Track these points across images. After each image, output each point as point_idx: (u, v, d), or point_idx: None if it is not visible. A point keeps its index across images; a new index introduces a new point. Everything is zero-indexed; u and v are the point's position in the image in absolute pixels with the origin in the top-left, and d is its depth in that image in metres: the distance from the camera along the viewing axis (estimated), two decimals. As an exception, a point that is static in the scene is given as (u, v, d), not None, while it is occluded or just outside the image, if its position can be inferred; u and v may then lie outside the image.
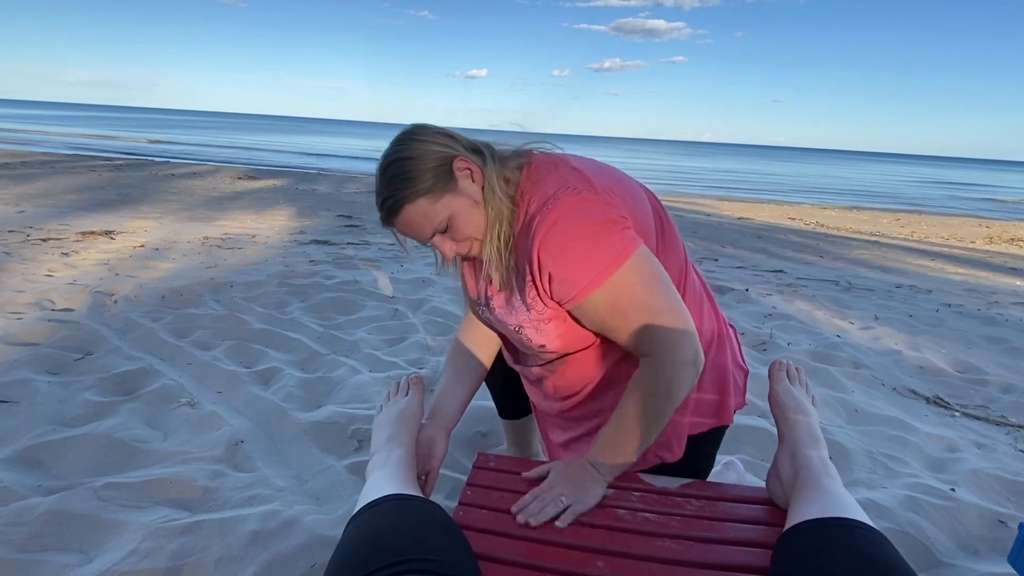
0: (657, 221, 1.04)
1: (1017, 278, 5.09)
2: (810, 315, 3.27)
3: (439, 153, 0.95)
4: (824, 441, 1.00)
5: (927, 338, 2.96)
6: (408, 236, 1.00)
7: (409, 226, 0.96)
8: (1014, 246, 7.78)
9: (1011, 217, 14.00)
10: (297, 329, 2.49)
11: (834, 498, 0.83)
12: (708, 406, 1.08)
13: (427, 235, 0.97)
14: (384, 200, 0.95)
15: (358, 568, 0.65)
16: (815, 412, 1.06)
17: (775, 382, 1.11)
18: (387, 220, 0.97)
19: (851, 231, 8.16)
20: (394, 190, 0.94)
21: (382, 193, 0.96)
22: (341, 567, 0.68)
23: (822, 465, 0.91)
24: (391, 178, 0.94)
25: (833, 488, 0.86)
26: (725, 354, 1.10)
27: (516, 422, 1.53)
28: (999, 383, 2.40)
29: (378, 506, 0.79)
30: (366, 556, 0.67)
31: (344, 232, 5.20)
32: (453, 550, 0.71)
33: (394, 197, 0.94)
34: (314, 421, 1.71)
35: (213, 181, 9.26)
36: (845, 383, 2.29)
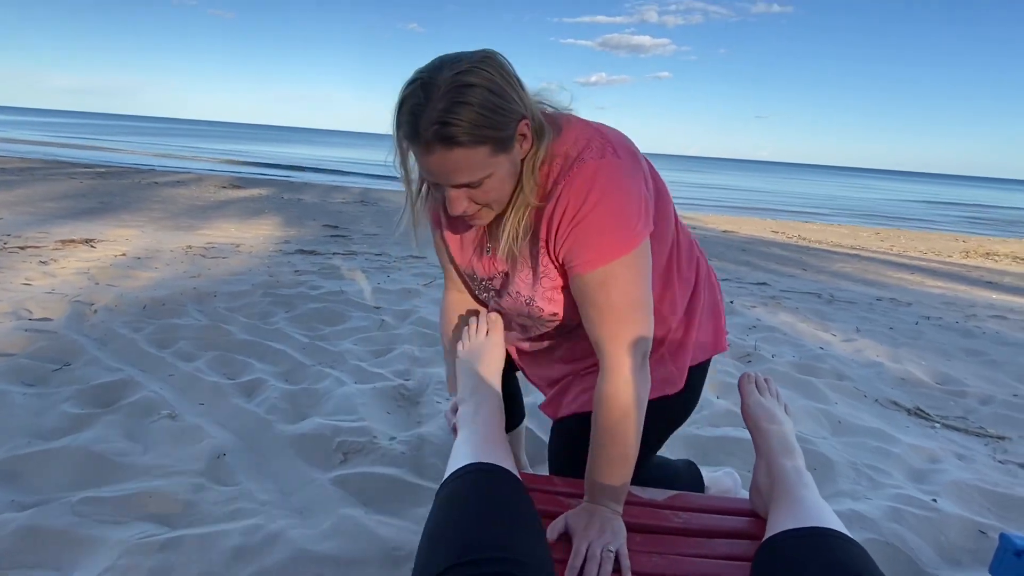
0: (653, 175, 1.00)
1: (993, 291, 5.20)
2: (794, 327, 3.30)
3: (518, 107, 0.83)
4: (799, 450, 1.01)
5: (908, 350, 3.00)
6: (430, 169, 0.83)
7: (446, 164, 0.81)
8: (989, 260, 7.95)
9: (986, 232, 14.33)
10: (282, 340, 2.47)
11: (809, 507, 0.83)
12: (706, 339, 1.12)
13: (455, 182, 0.83)
14: (442, 122, 0.78)
15: (444, 557, 0.69)
16: (789, 421, 1.08)
17: (745, 395, 1.12)
18: (428, 140, 0.79)
19: (833, 245, 8.28)
20: (460, 120, 0.78)
21: (446, 112, 0.77)
22: (430, 553, 0.72)
23: (797, 475, 0.92)
24: (465, 103, 0.78)
25: (808, 497, 0.86)
26: (715, 291, 1.17)
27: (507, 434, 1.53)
28: (978, 394, 2.44)
29: (465, 477, 0.82)
30: (453, 545, 0.70)
31: (330, 242, 5.17)
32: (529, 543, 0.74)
33: (457, 127, 0.78)
34: (298, 434, 1.69)
35: (197, 190, 9.18)
36: (829, 395, 2.31)
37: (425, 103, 0.78)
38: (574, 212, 0.86)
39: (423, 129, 0.79)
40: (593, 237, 0.86)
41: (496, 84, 0.80)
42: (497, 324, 1.10)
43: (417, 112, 0.79)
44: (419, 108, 0.79)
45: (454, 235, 1.06)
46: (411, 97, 0.80)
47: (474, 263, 1.03)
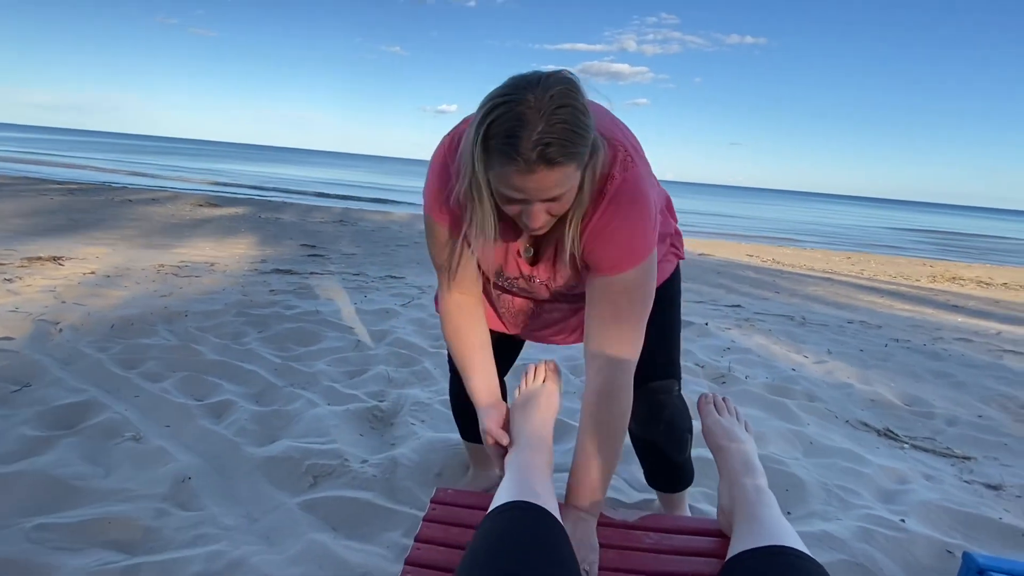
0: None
1: (959, 315, 5.34)
2: (767, 349, 3.35)
3: (592, 123, 0.88)
4: (760, 468, 1.02)
5: (877, 372, 3.06)
6: (524, 187, 0.86)
7: (544, 182, 0.85)
8: (955, 284, 8.19)
9: (952, 257, 14.79)
10: (253, 360, 2.42)
11: (769, 526, 0.84)
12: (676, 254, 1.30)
13: (544, 198, 0.88)
14: (546, 143, 0.82)
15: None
16: (750, 440, 1.09)
17: (704, 415, 1.14)
18: (531, 160, 0.83)
19: (805, 268, 8.46)
20: (562, 140, 0.82)
21: (547, 132, 0.81)
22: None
23: (757, 493, 0.93)
24: (562, 124, 0.82)
25: (768, 515, 0.87)
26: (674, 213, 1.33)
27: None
28: (945, 415, 2.49)
29: (507, 514, 0.84)
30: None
31: (307, 261, 5.12)
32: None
33: (559, 147, 0.83)
34: (267, 456, 1.65)
35: (172, 208, 9.05)
36: (801, 416, 2.34)
37: (524, 125, 0.82)
38: (604, 225, 0.95)
39: (526, 151, 0.82)
40: (615, 248, 0.97)
41: (581, 103, 0.86)
42: (554, 374, 1.16)
43: (517, 134, 0.82)
44: (519, 130, 0.82)
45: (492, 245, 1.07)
46: (506, 120, 0.83)
47: (504, 264, 1.09)
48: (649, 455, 1.38)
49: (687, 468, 1.41)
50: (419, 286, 4.31)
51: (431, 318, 3.33)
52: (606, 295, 0.99)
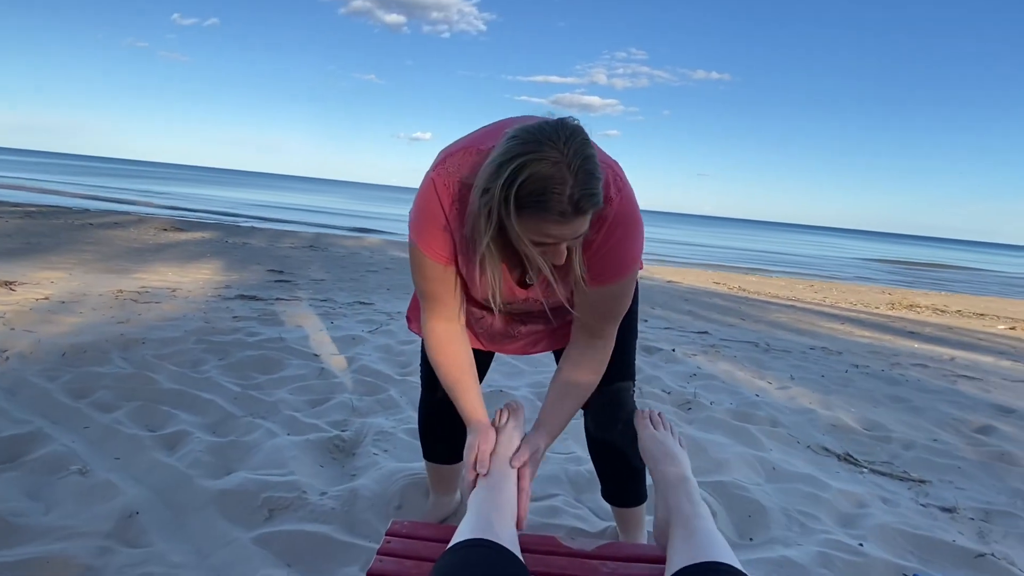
0: None
1: (915, 341, 5.52)
2: (732, 375, 3.40)
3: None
4: (694, 481, 1.03)
5: (838, 397, 3.13)
6: (556, 234, 0.91)
7: (575, 229, 0.92)
8: (912, 311, 8.47)
9: (909, 285, 15.34)
10: (211, 389, 2.35)
11: (702, 540, 0.85)
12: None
13: (573, 238, 0.94)
14: (582, 195, 0.88)
15: None
16: (683, 454, 1.11)
17: (641, 429, 1.16)
18: (566, 212, 0.88)
19: (770, 296, 8.66)
20: (595, 192, 0.90)
21: (576, 186, 0.87)
22: None
23: (691, 506, 0.95)
24: (587, 175, 0.88)
25: (702, 528, 0.89)
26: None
27: (453, 467, 1.53)
28: (902, 440, 2.55)
29: (463, 551, 0.84)
30: None
31: (274, 287, 5.04)
32: None
33: (594, 198, 0.90)
34: (221, 489, 1.60)
35: (135, 232, 8.84)
36: (764, 441, 2.37)
37: (557, 183, 0.86)
38: (610, 247, 1.04)
39: (561, 206, 0.87)
40: (618, 261, 1.06)
41: (592, 150, 0.90)
42: (516, 413, 1.20)
43: (552, 191, 0.86)
44: (553, 188, 0.86)
45: (468, 273, 1.10)
46: (537, 180, 0.86)
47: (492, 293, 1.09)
48: (607, 460, 1.40)
49: (642, 478, 1.42)
50: (388, 312, 4.27)
51: (399, 345, 3.29)
52: (601, 299, 1.09)
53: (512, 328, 1.27)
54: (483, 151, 0.98)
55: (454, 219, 1.03)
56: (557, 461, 1.97)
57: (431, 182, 1.04)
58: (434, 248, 1.07)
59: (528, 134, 0.88)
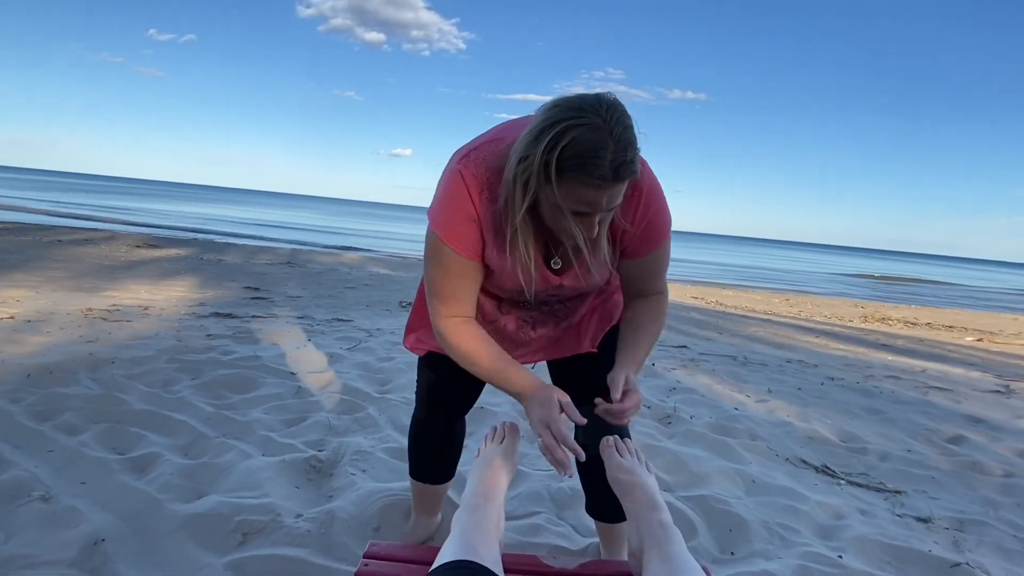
0: None
1: (888, 353, 5.63)
2: (711, 389, 3.42)
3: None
4: (664, 505, 1.03)
5: (815, 410, 3.16)
6: (594, 201, 0.92)
7: (613, 195, 0.93)
8: (884, 324, 8.66)
9: (882, 298, 15.69)
10: (183, 410, 2.29)
11: (678, 563, 0.85)
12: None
13: (608, 208, 0.95)
14: (623, 161, 0.89)
15: None
16: (652, 478, 1.11)
17: (607, 459, 1.16)
18: (606, 176, 0.90)
19: (747, 310, 8.78)
20: (634, 158, 0.91)
21: (618, 152, 0.89)
22: None
23: (663, 530, 0.94)
24: (627, 142, 0.90)
25: (676, 553, 0.89)
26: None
27: (439, 487, 1.52)
28: (877, 451, 2.58)
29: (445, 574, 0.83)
30: None
31: (249, 304, 4.96)
32: None
33: (633, 164, 0.91)
34: (193, 513, 1.55)
35: (107, 248, 8.65)
36: (743, 455, 2.38)
37: (600, 147, 0.87)
38: (645, 214, 1.08)
39: (604, 170, 0.88)
40: (659, 227, 1.11)
41: (631, 120, 0.92)
42: (514, 434, 1.19)
43: (597, 154, 0.87)
44: (597, 151, 0.87)
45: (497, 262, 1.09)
46: (581, 142, 0.88)
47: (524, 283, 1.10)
48: (595, 474, 1.39)
49: None
50: (367, 329, 4.23)
51: (378, 362, 3.25)
52: (647, 263, 1.15)
53: (523, 332, 1.26)
54: (509, 141, 0.99)
55: (483, 208, 1.02)
56: (538, 478, 1.96)
57: (457, 173, 1.03)
58: (461, 241, 1.04)
59: (569, 102, 0.90)
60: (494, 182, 1.01)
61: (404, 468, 1.94)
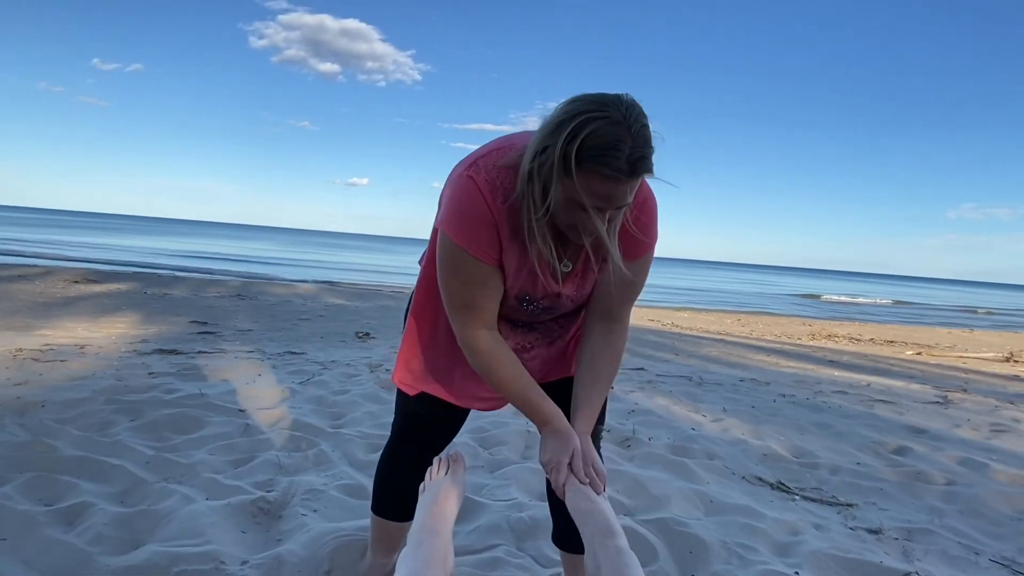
0: None
1: (835, 369, 5.84)
2: (668, 410, 3.46)
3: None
4: (620, 531, 1.02)
5: (768, 427, 3.23)
6: (609, 194, 0.94)
7: (626, 190, 0.94)
8: (831, 341, 9.00)
9: (828, 316, 16.34)
10: (120, 454, 2.16)
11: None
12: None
13: (619, 204, 0.96)
14: (641, 156, 0.92)
15: None
16: (606, 502, 1.11)
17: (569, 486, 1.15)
18: (623, 170, 0.91)
19: (702, 331, 8.99)
20: (647, 156, 0.93)
21: (639, 148, 0.91)
22: None
23: (619, 555, 0.94)
24: (644, 139, 0.92)
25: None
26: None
27: (403, 524, 1.45)
28: (828, 465, 2.65)
29: None
30: None
31: (196, 339, 4.76)
32: None
33: (650, 160, 0.94)
34: (127, 566, 1.44)
35: (42, 285, 8.19)
36: (701, 475, 2.40)
37: (619, 140, 0.90)
38: (640, 214, 1.09)
39: (621, 163, 0.90)
40: (650, 231, 1.13)
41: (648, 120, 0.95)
42: (458, 464, 1.16)
43: (615, 147, 0.89)
44: (616, 143, 0.89)
45: (513, 263, 1.09)
46: (600, 135, 0.89)
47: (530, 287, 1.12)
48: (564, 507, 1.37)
49: None
50: (321, 362, 4.11)
51: (332, 396, 3.16)
52: (631, 270, 1.12)
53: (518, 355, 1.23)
54: (517, 146, 1.02)
55: (497, 209, 1.02)
56: (498, 509, 1.92)
57: (467, 179, 1.03)
58: (481, 247, 1.04)
59: (589, 97, 0.93)
60: (507, 182, 1.02)
61: (358, 506, 1.87)
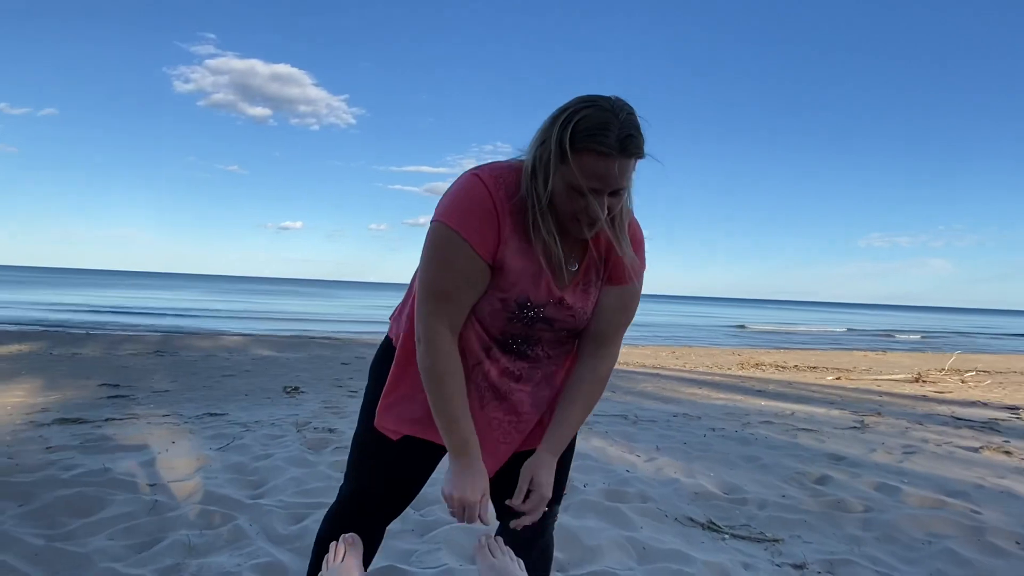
0: None
1: (762, 399, 6.08)
2: (604, 452, 3.47)
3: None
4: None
5: (699, 463, 3.30)
6: (603, 173, 1.00)
7: (620, 169, 1.00)
8: (759, 370, 9.39)
9: (755, 345, 17.11)
10: (5, 547, 1.93)
11: None
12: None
13: (616, 186, 1.02)
14: (630, 135, 0.99)
15: None
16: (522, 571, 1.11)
17: (480, 560, 1.15)
18: (615, 148, 0.98)
19: (638, 365, 9.18)
20: (637, 136, 1.00)
21: (627, 127, 0.99)
22: None
23: None
24: (633, 124, 1.00)
25: None
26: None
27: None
28: (756, 500, 2.72)
29: None
30: None
31: (104, 405, 4.41)
32: None
33: (640, 140, 1.01)
34: None
35: (-73, 351, 7.43)
36: (635, 520, 2.40)
37: (610, 120, 0.98)
38: (637, 237, 1.17)
39: (612, 139, 0.98)
40: (640, 256, 1.19)
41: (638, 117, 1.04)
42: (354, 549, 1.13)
43: (606, 125, 0.98)
44: (606, 123, 0.98)
45: (517, 264, 1.09)
46: (592, 117, 0.98)
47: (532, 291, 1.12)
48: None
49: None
50: (243, 423, 3.89)
51: (253, 462, 2.98)
52: (622, 300, 1.19)
53: (505, 383, 1.18)
54: (514, 165, 1.09)
55: (501, 203, 1.05)
56: (427, 576, 1.84)
57: (473, 176, 1.07)
58: (477, 235, 1.05)
59: (581, 96, 1.03)
60: (511, 181, 1.07)
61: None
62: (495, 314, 1.13)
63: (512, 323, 1.14)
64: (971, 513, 2.54)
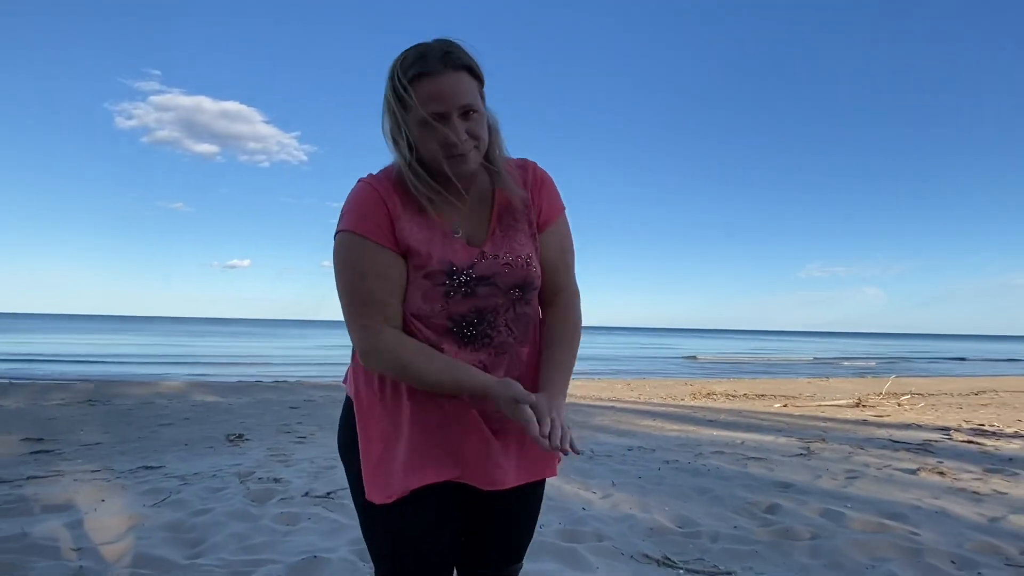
0: None
1: (714, 428, 6.19)
2: (560, 490, 3.44)
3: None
4: None
5: (653, 497, 3.31)
6: (439, 92, 1.01)
7: (454, 85, 1.02)
8: (710, 399, 9.59)
9: (707, 375, 17.53)
10: (-100, 630, 1.75)
11: None
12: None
13: (461, 103, 1.02)
14: (447, 51, 1.03)
15: None
16: None
17: None
18: (438, 66, 1.01)
19: (593, 398, 9.22)
20: (459, 51, 1.04)
21: (444, 46, 1.04)
22: None
23: None
24: (449, 43, 1.05)
25: None
26: None
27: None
28: (709, 532, 2.74)
29: None
30: None
31: (26, 462, 4.09)
32: None
33: (460, 54, 1.04)
34: None
35: None
36: (591, 560, 2.38)
37: (429, 48, 1.03)
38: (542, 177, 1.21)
39: (434, 60, 1.01)
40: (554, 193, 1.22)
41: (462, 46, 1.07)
42: None
43: (425, 53, 1.02)
44: (425, 52, 1.03)
45: (419, 235, 1.08)
46: (413, 52, 1.03)
47: (451, 254, 1.09)
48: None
49: None
50: (181, 476, 3.67)
51: (191, 517, 2.81)
52: (554, 239, 1.20)
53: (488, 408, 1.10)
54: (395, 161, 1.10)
55: (385, 188, 1.07)
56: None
57: (358, 181, 1.11)
58: (372, 224, 1.05)
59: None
60: (391, 170, 1.10)
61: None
62: (429, 296, 1.08)
63: (452, 298, 1.08)
64: (910, 535, 2.64)
